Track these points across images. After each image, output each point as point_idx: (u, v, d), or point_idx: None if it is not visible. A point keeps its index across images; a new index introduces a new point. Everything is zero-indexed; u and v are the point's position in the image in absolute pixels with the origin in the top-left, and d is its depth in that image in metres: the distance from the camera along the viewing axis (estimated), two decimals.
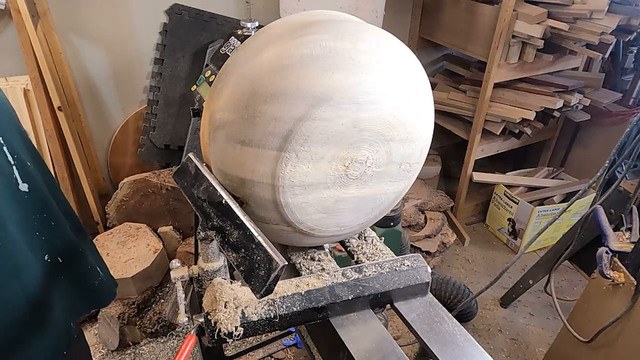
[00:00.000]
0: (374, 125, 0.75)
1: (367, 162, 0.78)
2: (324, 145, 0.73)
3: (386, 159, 0.80)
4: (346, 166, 0.77)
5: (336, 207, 0.82)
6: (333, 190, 0.79)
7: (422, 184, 2.79)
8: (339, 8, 2.09)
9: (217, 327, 0.74)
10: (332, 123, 0.72)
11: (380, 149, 0.78)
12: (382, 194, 0.85)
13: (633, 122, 1.42)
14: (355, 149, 0.76)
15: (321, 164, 0.75)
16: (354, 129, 0.74)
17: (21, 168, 0.83)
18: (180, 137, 2.37)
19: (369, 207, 0.87)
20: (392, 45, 0.77)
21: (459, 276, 2.56)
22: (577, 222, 1.76)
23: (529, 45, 2.27)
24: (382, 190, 0.84)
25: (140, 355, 2.04)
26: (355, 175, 0.79)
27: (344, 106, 0.71)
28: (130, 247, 2.09)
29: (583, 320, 1.56)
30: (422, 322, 0.83)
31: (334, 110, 0.71)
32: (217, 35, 2.27)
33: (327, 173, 0.77)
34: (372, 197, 0.84)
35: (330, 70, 0.70)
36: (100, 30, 2.09)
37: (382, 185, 0.83)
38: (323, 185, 0.78)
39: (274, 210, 0.79)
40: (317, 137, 0.72)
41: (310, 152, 0.73)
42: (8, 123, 0.86)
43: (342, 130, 0.73)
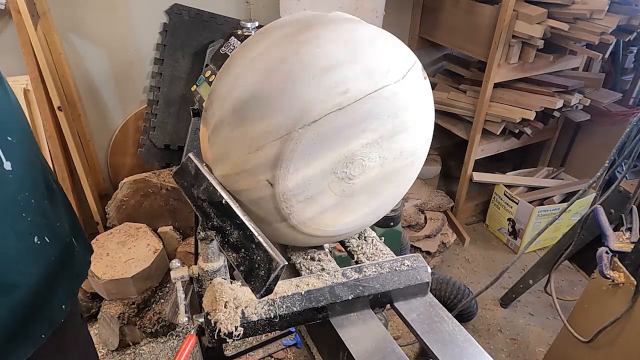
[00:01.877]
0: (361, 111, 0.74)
1: (365, 159, 0.78)
2: (317, 154, 0.74)
3: (386, 154, 0.80)
4: (345, 170, 0.77)
5: (349, 203, 0.83)
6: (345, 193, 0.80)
7: (422, 184, 2.79)
8: (339, 8, 2.09)
9: (217, 327, 0.73)
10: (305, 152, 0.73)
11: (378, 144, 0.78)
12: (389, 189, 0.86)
13: (633, 122, 1.42)
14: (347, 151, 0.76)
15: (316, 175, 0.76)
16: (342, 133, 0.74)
17: (3, 144, 0.79)
18: (180, 137, 2.37)
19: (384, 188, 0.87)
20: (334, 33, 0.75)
21: (459, 276, 2.56)
22: (577, 222, 1.76)
23: (529, 45, 2.27)
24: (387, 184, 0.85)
25: (140, 355, 2.04)
26: (358, 173, 0.79)
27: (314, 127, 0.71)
28: (130, 247, 2.09)
29: (583, 320, 1.56)
30: (422, 322, 0.83)
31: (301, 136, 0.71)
32: (217, 35, 2.27)
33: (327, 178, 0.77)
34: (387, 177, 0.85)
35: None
36: (100, 30, 2.09)
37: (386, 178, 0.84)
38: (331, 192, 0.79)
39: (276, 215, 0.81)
40: (303, 159, 0.73)
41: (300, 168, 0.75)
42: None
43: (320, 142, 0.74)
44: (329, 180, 0.77)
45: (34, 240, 0.84)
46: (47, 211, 0.89)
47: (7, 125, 0.83)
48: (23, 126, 0.90)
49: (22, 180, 0.83)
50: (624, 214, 1.55)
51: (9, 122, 0.84)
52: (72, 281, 0.99)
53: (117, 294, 1.98)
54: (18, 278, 0.81)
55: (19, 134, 0.85)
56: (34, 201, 0.85)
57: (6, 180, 0.79)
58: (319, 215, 0.82)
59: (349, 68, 0.71)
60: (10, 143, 0.81)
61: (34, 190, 0.86)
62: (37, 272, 0.85)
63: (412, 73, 0.78)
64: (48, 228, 0.89)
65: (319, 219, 0.83)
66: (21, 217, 0.82)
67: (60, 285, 0.92)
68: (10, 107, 0.86)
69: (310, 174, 0.75)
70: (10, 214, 0.80)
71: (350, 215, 0.85)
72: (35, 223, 0.85)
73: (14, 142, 0.82)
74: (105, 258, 2.01)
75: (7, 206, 0.79)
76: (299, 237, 0.86)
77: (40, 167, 0.92)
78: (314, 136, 0.71)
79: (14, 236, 0.80)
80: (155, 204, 2.28)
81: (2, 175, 0.78)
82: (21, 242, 0.82)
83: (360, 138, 0.75)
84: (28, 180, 0.85)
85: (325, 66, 0.70)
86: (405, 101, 0.77)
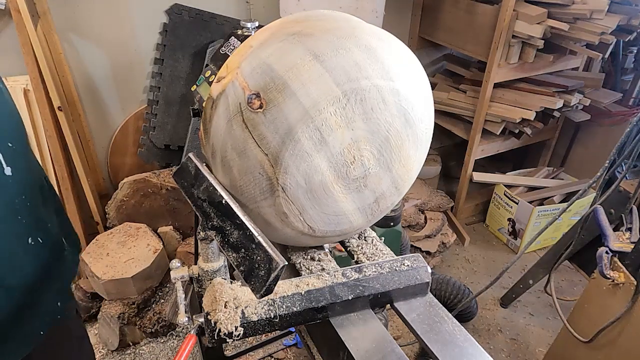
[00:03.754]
0: None
1: (366, 157, 0.78)
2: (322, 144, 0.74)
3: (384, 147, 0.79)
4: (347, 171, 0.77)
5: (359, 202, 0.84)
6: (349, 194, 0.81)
7: (422, 184, 2.79)
8: (339, 8, 2.09)
9: (217, 327, 0.74)
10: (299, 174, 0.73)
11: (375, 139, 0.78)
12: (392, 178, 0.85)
13: (633, 122, 1.42)
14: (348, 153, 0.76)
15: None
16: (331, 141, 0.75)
17: (4, 151, 0.81)
18: (180, 137, 2.37)
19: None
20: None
21: (459, 276, 2.56)
22: (577, 222, 1.76)
23: (529, 45, 2.27)
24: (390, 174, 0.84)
25: (140, 355, 2.04)
26: (359, 172, 0.79)
27: None
28: (130, 247, 2.09)
29: (583, 320, 1.56)
30: (422, 322, 0.83)
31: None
32: (217, 35, 2.27)
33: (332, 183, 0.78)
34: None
35: None
36: (101, 30, 2.09)
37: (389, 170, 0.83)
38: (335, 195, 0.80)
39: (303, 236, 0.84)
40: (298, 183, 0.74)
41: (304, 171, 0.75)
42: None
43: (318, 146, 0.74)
44: (330, 174, 0.77)
45: (28, 241, 0.86)
46: (40, 212, 0.91)
47: (8, 132, 0.85)
48: (21, 132, 0.92)
49: (21, 185, 0.85)
50: (624, 214, 1.55)
51: (10, 129, 0.86)
52: (64, 278, 1.01)
53: (117, 294, 1.98)
54: (13, 278, 0.83)
55: (18, 140, 0.87)
56: (29, 204, 0.87)
57: (6, 185, 0.81)
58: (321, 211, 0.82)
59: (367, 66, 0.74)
60: (10, 149, 0.83)
61: (30, 193, 0.88)
62: (31, 272, 0.87)
63: None
64: (41, 229, 0.91)
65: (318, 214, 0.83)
66: (17, 220, 0.83)
67: (53, 283, 0.94)
68: (10, 114, 0.87)
69: (316, 165, 0.76)
70: (7, 217, 0.81)
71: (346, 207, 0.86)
72: (30, 225, 0.87)
73: (14, 148, 0.84)
74: (105, 258, 2.01)
75: (5, 210, 0.81)
76: (303, 239, 0.86)
77: (36, 170, 0.95)
78: (320, 124, 0.73)
79: (10, 238, 0.82)
80: (155, 204, 2.28)
81: (2, 180, 0.80)
82: (16, 243, 0.83)
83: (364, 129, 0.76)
84: (26, 184, 0.87)
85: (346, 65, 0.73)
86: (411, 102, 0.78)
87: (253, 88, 0.72)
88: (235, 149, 0.74)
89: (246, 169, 0.75)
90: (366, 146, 0.76)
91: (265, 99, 0.71)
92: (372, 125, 0.75)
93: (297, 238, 0.86)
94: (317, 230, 0.83)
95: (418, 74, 0.83)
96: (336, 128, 0.73)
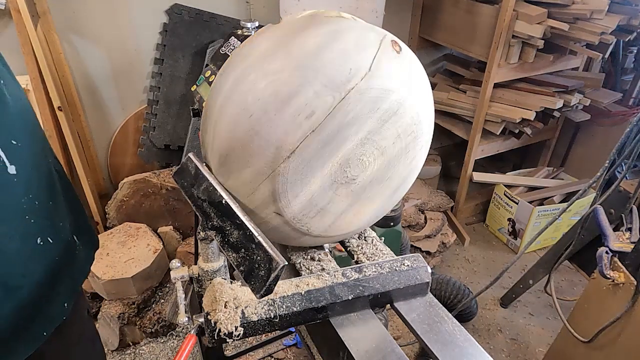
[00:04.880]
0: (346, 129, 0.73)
1: (363, 156, 0.78)
2: (310, 175, 0.74)
3: (382, 142, 0.78)
4: (345, 172, 0.77)
5: (363, 201, 0.84)
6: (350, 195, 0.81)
7: (422, 184, 2.79)
8: (339, 8, 2.09)
9: (217, 327, 0.73)
10: (302, 159, 0.72)
11: (371, 137, 0.77)
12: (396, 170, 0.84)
13: (633, 122, 1.42)
14: (343, 155, 0.76)
15: (319, 187, 0.76)
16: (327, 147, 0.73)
17: (7, 148, 0.78)
18: (180, 137, 2.37)
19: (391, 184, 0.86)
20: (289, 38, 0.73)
21: (459, 276, 2.56)
22: (577, 222, 1.76)
23: (529, 45, 2.27)
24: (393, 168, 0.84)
25: (140, 355, 2.04)
26: (359, 172, 0.78)
27: (303, 140, 0.71)
28: (130, 247, 2.09)
29: (583, 320, 1.56)
30: (422, 322, 0.83)
31: (295, 151, 0.71)
32: (217, 35, 2.27)
33: (331, 187, 0.77)
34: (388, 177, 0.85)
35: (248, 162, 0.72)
36: (100, 30, 2.09)
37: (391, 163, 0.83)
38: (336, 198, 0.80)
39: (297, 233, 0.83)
40: (298, 174, 0.73)
41: (302, 186, 0.75)
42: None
43: (317, 156, 0.73)
44: (333, 188, 0.78)
45: (36, 242, 0.84)
46: (51, 212, 0.89)
47: (12, 129, 0.82)
48: (31, 128, 0.88)
49: (27, 184, 0.82)
50: (624, 214, 1.55)
51: (14, 125, 0.83)
52: (74, 279, 0.98)
53: (117, 294, 1.98)
54: (20, 279, 0.81)
55: (25, 137, 0.84)
56: (37, 203, 0.84)
57: (10, 184, 0.78)
58: (337, 220, 0.83)
59: (307, 89, 0.69)
60: (15, 147, 0.80)
61: (38, 192, 0.85)
62: (39, 273, 0.85)
63: (381, 55, 0.73)
64: (51, 228, 0.88)
65: (338, 223, 0.84)
66: (24, 220, 0.81)
67: (62, 284, 0.92)
68: (15, 110, 0.84)
69: (312, 192, 0.76)
70: (13, 217, 0.79)
71: (369, 207, 0.86)
72: (38, 225, 0.84)
73: (19, 146, 0.81)
74: (105, 258, 2.02)
75: (11, 210, 0.79)
76: (306, 239, 0.86)
77: (46, 168, 0.91)
78: (298, 163, 0.72)
79: (17, 238, 0.80)
80: (155, 204, 2.28)
81: (5, 179, 0.78)
82: (24, 244, 0.81)
83: (347, 143, 0.74)
84: (33, 183, 0.84)
85: (283, 98, 0.69)
86: (381, 89, 0.73)
87: None
88: None
89: None
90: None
91: None
92: None
93: (298, 238, 0.86)
94: (317, 231, 0.83)
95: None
96: None
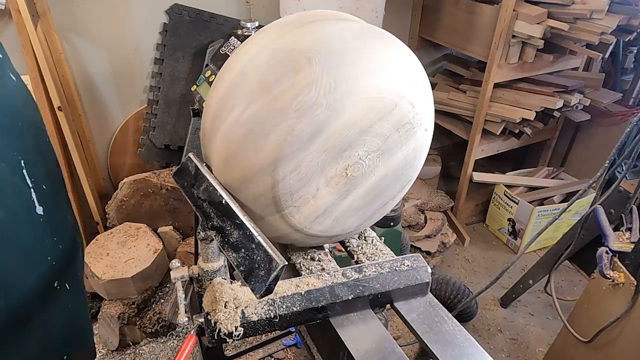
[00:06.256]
0: (341, 135, 0.73)
1: (361, 158, 0.78)
2: (310, 183, 0.74)
3: (379, 140, 0.78)
4: (345, 175, 0.77)
5: (367, 199, 0.83)
6: (351, 195, 0.80)
7: (422, 184, 2.79)
8: (339, 8, 2.09)
9: (217, 327, 0.74)
10: (301, 167, 0.72)
11: (366, 139, 0.77)
12: (402, 159, 0.84)
13: (633, 122, 1.42)
14: (342, 160, 0.75)
15: (321, 192, 0.76)
16: (324, 152, 0.73)
17: (38, 191, 0.81)
18: (180, 137, 2.37)
19: (398, 175, 0.86)
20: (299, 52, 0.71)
21: (459, 276, 2.56)
22: (577, 222, 1.76)
23: (529, 45, 2.27)
24: (398, 158, 0.83)
25: (140, 355, 2.04)
26: (359, 174, 0.79)
27: (299, 150, 0.71)
28: (130, 247, 2.09)
29: (583, 320, 1.56)
30: (422, 322, 0.83)
31: (293, 160, 0.71)
32: (217, 35, 2.27)
33: (333, 192, 0.77)
34: (394, 169, 0.84)
35: (266, 134, 0.71)
36: (100, 30, 2.09)
37: (394, 156, 0.82)
38: (338, 200, 0.79)
39: (316, 239, 0.85)
40: (298, 184, 0.73)
41: (304, 196, 0.75)
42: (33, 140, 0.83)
43: (315, 162, 0.73)
44: (340, 193, 0.78)
45: (54, 285, 0.85)
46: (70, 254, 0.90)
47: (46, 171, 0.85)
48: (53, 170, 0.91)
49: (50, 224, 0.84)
50: (624, 214, 1.55)
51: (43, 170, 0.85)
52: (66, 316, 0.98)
53: (117, 294, 1.98)
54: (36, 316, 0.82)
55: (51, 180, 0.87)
56: (61, 247, 0.86)
57: (37, 224, 0.80)
58: (354, 215, 0.83)
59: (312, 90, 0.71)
60: (43, 189, 0.83)
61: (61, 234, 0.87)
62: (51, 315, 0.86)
63: None
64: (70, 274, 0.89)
65: (356, 219, 0.85)
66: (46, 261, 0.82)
67: None
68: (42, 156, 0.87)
69: (320, 204, 0.78)
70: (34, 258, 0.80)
71: (386, 192, 0.86)
72: (58, 269, 0.85)
73: (46, 189, 0.84)
74: (105, 258, 2.01)
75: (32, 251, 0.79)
76: (305, 239, 0.86)
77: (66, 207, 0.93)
78: (295, 183, 0.74)
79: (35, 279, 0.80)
80: (155, 204, 2.28)
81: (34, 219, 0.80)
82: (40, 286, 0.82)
83: (341, 148, 0.75)
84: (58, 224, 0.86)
85: None
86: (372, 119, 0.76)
87: None
88: None
89: None
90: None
91: None
92: None
93: (299, 239, 0.86)
94: (318, 231, 0.83)
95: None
96: None
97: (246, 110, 0.71)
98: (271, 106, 0.70)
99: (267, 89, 0.70)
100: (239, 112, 0.72)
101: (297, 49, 0.72)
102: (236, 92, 0.73)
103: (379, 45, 0.77)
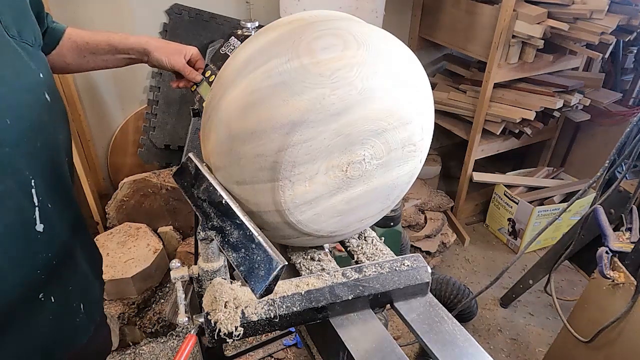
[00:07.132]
0: (360, 126, 0.73)
1: (365, 160, 0.78)
2: (314, 162, 0.73)
3: (385, 149, 0.78)
4: (345, 170, 0.77)
5: (350, 206, 0.82)
6: (340, 195, 0.79)
7: (422, 184, 2.79)
8: (339, 8, 2.09)
9: (217, 327, 0.73)
10: (314, 141, 0.71)
11: (375, 142, 0.77)
12: (394, 179, 0.84)
13: (633, 122, 1.42)
14: (348, 153, 0.75)
15: (318, 178, 0.75)
16: (339, 137, 0.73)
17: (43, 209, 0.81)
18: (180, 137, 2.37)
19: (384, 195, 0.85)
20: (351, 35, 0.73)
21: (459, 276, 2.56)
22: (577, 222, 1.76)
23: (529, 45, 2.27)
24: (392, 176, 0.83)
25: (140, 355, 2.04)
26: (357, 175, 0.79)
27: (321, 122, 0.70)
28: (130, 247, 2.09)
29: (583, 320, 1.56)
30: (422, 322, 0.83)
31: (312, 129, 0.70)
32: (217, 35, 2.27)
33: (327, 183, 0.76)
34: (384, 186, 0.83)
35: (296, 93, 0.69)
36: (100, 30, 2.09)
37: (390, 172, 0.82)
38: (328, 195, 0.78)
39: (290, 229, 0.81)
40: (304, 158, 0.72)
41: (303, 173, 0.73)
42: (49, 161, 0.83)
43: (328, 143, 0.72)
44: (332, 187, 0.77)
45: (38, 297, 0.84)
46: (63, 271, 0.89)
47: (49, 193, 0.84)
48: (63, 189, 0.90)
49: (48, 242, 0.83)
50: (624, 214, 1.55)
51: (52, 189, 0.85)
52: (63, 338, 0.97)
53: (117, 294, 1.98)
54: (16, 326, 0.81)
55: (58, 200, 0.87)
56: (55, 262, 0.85)
57: (34, 240, 0.80)
58: (335, 219, 0.83)
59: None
60: (48, 208, 0.82)
61: (57, 251, 0.86)
62: (31, 326, 0.85)
63: None
64: (58, 288, 0.89)
65: (336, 222, 0.84)
66: (35, 274, 0.82)
67: None
68: (55, 175, 0.87)
69: (312, 190, 0.76)
70: (23, 271, 0.80)
71: (367, 207, 0.86)
72: (45, 282, 0.85)
73: (51, 208, 0.83)
74: (105, 258, 2.01)
75: (23, 264, 0.79)
76: (277, 226, 0.86)
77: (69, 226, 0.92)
78: (301, 157, 0.72)
79: (22, 293, 0.80)
80: (155, 204, 2.28)
81: (32, 236, 0.79)
82: (25, 299, 0.82)
83: (351, 142, 0.75)
84: (53, 241, 0.85)
85: None
86: None
87: None
88: None
89: None
90: None
91: None
92: None
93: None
94: (296, 220, 0.83)
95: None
96: None
97: (284, 64, 0.70)
98: (312, 68, 0.69)
99: (313, 52, 0.70)
100: (276, 64, 0.70)
101: (352, 32, 0.74)
102: (279, 44, 0.73)
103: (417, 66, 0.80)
